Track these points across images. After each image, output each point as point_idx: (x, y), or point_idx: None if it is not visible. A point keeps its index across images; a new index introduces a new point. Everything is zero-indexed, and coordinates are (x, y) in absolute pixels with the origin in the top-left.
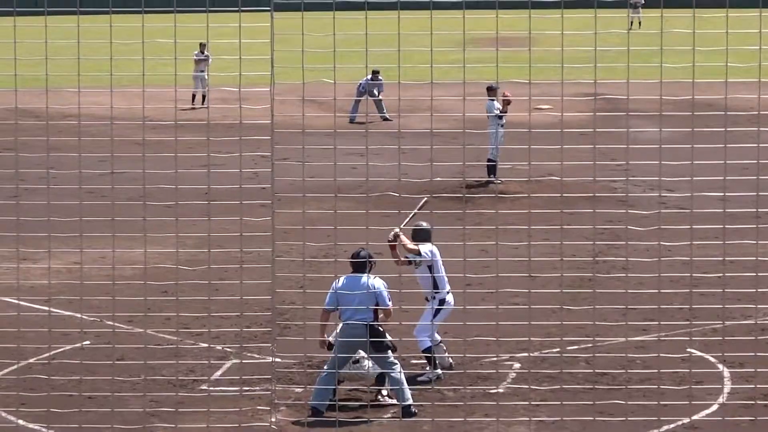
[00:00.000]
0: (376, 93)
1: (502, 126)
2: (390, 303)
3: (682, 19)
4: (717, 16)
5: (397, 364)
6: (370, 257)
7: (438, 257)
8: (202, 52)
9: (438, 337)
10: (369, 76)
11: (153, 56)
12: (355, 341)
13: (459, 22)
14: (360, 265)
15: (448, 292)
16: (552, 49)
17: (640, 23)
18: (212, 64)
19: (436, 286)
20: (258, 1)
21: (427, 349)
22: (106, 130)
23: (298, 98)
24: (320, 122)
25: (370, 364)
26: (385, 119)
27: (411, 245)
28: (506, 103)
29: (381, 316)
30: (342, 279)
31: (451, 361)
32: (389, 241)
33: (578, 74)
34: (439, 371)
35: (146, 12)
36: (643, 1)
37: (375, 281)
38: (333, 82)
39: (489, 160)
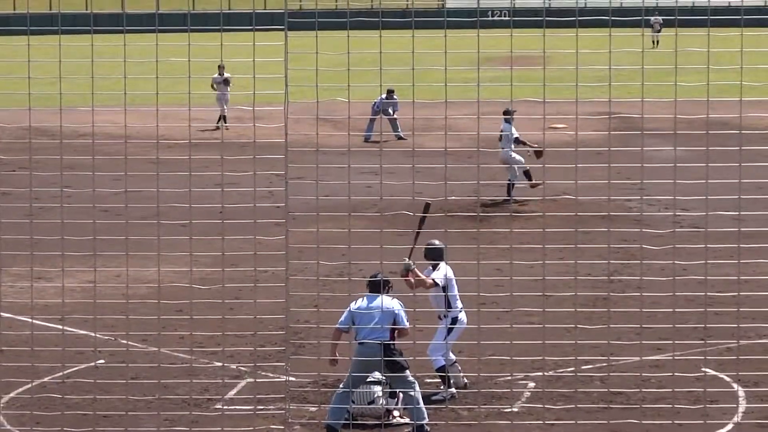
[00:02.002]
0: (391, 112)
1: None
2: (407, 323)
3: (697, 38)
4: (732, 35)
5: (415, 383)
6: (387, 281)
7: (452, 276)
8: (221, 75)
9: (452, 357)
10: (384, 95)
11: (167, 75)
12: (370, 361)
13: (473, 41)
14: (376, 286)
15: (460, 311)
16: (566, 67)
17: (657, 42)
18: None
19: (449, 304)
20: (272, 20)
21: (441, 368)
22: (120, 149)
23: (313, 117)
24: (334, 141)
25: (383, 399)
26: (400, 138)
27: (428, 280)
28: (538, 155)
29: (396, 335)
30: (359, 300)
31: (465, 380)
32: (402, 276)
33: (593, 93)
34: (453, 390)
35: (160, 31)
36: (662, 21)
37: (392, 302)
38: (347, 101)
39: (509, 182)
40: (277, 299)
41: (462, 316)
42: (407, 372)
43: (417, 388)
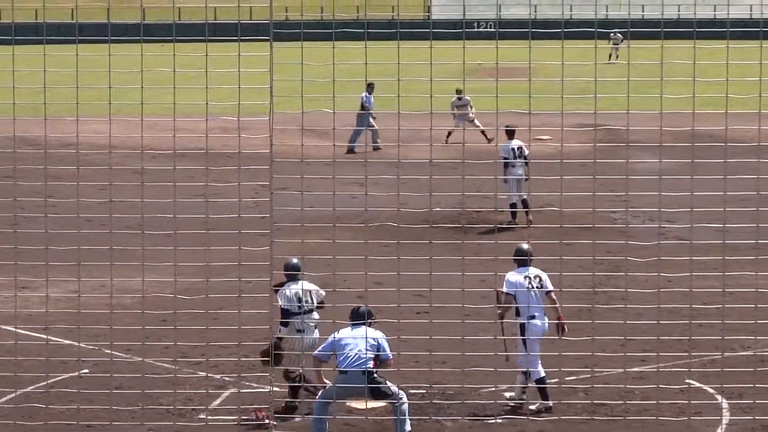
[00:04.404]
0: (373, 121)
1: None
2: (390, 354)
3: (682, 50)
4: (717, 47)
5: (402, 396)
6: (370, 314)
7: (516, 280)
8: None
9: (538, 371)
10: (367, 93)
11: (152, 85)
12: (352, 389)
13: (459, 53)
14: (359, 318)
15: (531, 317)
16: (552, 79)
17: (617, 56)
18: (211, 93)
19: (518, 312)
20: (257, 31)
21: (540, 380)
22: (105, 159)
23: (298, 128)
24: (319, 152)
25: None
26: (377, 148)
27: (501, 296)
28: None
29: (379, 364)
30: (342, 330)
31: (525, 399)
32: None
33: (578, 105)
34: (550, 403)
35: (146, 41)
36: (622, 37)
37: (375, 333)
38: (332, 111)
39: (512, 205)
40: (261, 310)
41: (530, 324)
42: (392, 394)
43: (405, 399)
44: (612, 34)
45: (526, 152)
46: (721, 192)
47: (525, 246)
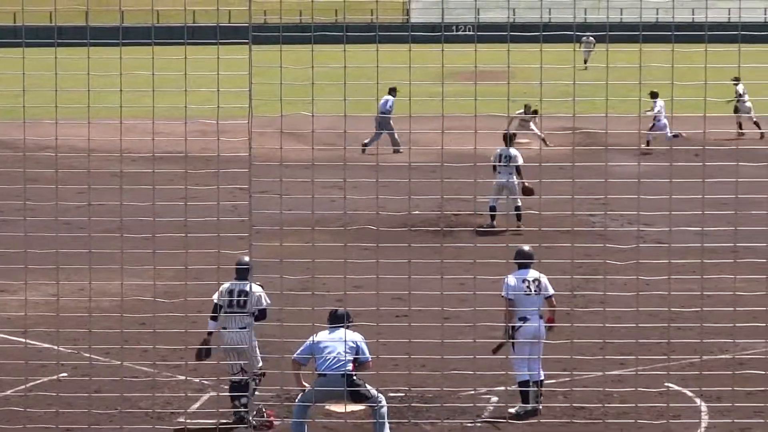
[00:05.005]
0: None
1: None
2: (369, 356)
3: (660, 54)
4: (695, 50)
5: (381, 399)
6: (348, 316)
7: (512, 283)
8: None
9: (539, 374)
10: (389, 97)
11: (131, 88)
12: (330, 392)
13: (438, 56)
14: (337, 320)
15: (521, 319)
16: (531, 83)
17: (590, 59)
18: (189, 96)
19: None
20: (236, 34)
21: (523, 383)
22: (83, 162)
23: (277, 131)
24: (298, 155)
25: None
26: (397, 152)
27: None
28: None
29: (358, 366)
30: (320, 333)
31: (538, 406)
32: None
33: (558, 108)
34: (529, 406)
35: (124, 45)
36: (594, 41)
37: (354, 335)
38: (311, 114)
39: (491, 208)
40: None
41: (521, 327)
42: (372, 397)
43: (384, 403)
44: (584, 38)
45: (518, 161)
46: (699, 195)
47: (526, 248)
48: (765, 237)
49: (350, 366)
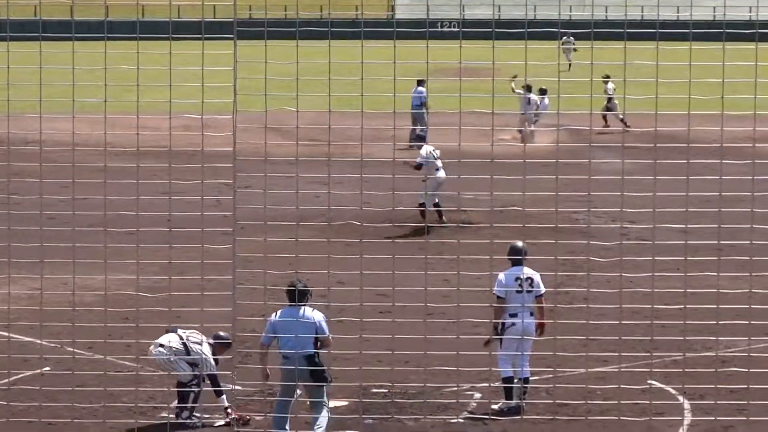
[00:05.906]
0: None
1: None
2: (329, 333)
3: (646, 51)
4: (680, 48)
5: (325, 407)
6: (306, 287)
7: (501, 279)
8: None
9: (524, 371)
10: (420, 88)
11: (116, 83)
12: (294, 372)
13: (422, 52)
14: (297, 296)
15: (512, 315)
16: (515, 79)
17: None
18: (174, 91)
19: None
20: (221, 29)
21: (507, 379)
22: (68, 156)
23: (261, 126)
24: (283, 150)
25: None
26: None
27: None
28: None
29: (320, 346)
30: (279, 312)
31: (522, 403)
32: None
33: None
34: (512, 402)
35: (109, 39)
36: (574, 41)
37: (314, 313)
38: (296, 110)
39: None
40: (224, 308)
41: (512, 321)
42: (327, 385)
43: (326, 413)
44: (564, 38)
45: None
46: (683, 193)
47: (520, 244)
48: (748, 235)
49: (311, 346)
